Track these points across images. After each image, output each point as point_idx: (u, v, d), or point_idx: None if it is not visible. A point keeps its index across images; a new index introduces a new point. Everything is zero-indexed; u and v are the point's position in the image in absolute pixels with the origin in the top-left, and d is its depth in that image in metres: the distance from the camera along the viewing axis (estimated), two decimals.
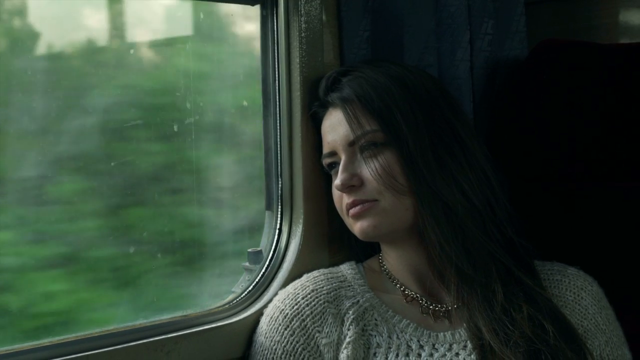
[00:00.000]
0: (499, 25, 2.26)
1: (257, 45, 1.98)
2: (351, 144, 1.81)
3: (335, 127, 1.84)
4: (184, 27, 2.00)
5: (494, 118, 2.24)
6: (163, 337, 1.74)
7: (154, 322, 1.78)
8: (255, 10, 1.98)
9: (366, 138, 1.79)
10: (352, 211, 1.79)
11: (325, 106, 1.89)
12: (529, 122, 2.15)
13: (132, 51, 1.89)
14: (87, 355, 1.63)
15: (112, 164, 1.81)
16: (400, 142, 1.76)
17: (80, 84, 1.81)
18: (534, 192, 2.18)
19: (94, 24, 1.81)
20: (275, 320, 1.81)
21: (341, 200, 1.82)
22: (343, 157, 1.81)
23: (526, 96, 2.15)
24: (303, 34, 1.95)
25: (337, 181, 1.80)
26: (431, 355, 1.77)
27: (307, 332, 1.79)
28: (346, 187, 1.79)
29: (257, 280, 1.93)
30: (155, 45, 1.94)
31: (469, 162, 1.79)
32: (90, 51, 1.82)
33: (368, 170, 1.77)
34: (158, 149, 1.91)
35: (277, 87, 1.97)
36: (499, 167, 1.88)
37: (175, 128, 1.89)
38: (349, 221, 1.83)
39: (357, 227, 1.80)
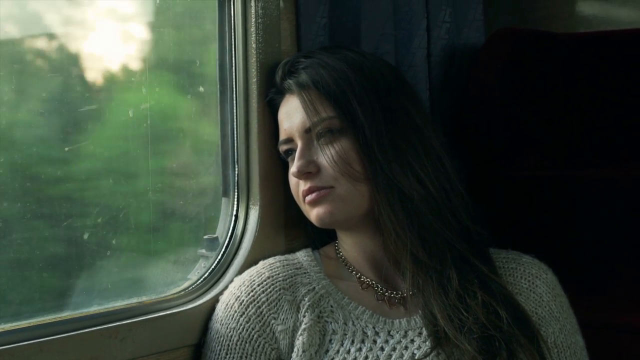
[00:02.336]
0: (457, 13, 2.26)
1: None
2: (307, 131, 1.80)
3: (292, 113, 1.83)
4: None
5: (451, 106, 2.25)
6: (117, 323, 1.73)
7: (108, 309, 1.76)
8: None
9: (322, 125, 1.79)
10: (308, 198, 1.79)
11: (281, 93, 1.88)
12: (485, 110, 2.16)
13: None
14: (40, 342, 1.61)
15: (67, 149, 1.79)
16: (356, 129, 1.76)
17: (32, 69, 1.78)
18: (489, 179, 2.20)
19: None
20: (231, 307, 1.81)
21: (297, 187, 1.82)
22: (299, 144, 1.81)
23: (482, 84, 2.16)
24: (260, 20, 1.94)
25: (293, 168, 1.80)
26: (386, 341, 1.77)
27: (262, 318, 1.79)
28: (302, 174, 1.78)
29: (213, 266, 1.93)
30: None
31: (425, 149, 1.80)
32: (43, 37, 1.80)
33: (324, 157, 1.77)
34: (113, 134, 1.88)
35: (233, 73, 1.96)
36: (455, 155, 1.89)
37: (131, 113, 1.87)
38: (305, 208, 1.83)
39: (314, 214, 1.80)
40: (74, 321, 1.69)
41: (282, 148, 1.87)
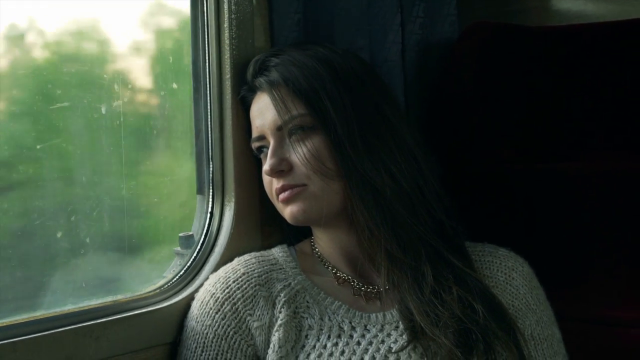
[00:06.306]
0: (430, 8, 2.26)
1: None
2: (279, 129, 1.80)
3: (263, 111, 1.83)
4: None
5: (425, 100, 2.25)
6: (92, 322, 1.72)
7: (83, 308, 1.75)
8: None
9: (294, 122, 1.78)
10: (281, 196, 1.79)
11: (253, 90, 1.88)
12: (460, 104, 2.16)
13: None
14: (14, 341, 1.60)
15: (38, 147, 1.78)
16: (328, 126, 1.76)
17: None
18: (465, 174, 2.20)
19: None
20: (207, 304, 1.80)
21: (271, 184, 1.82)
22: (272, 142, 1.81)
23: (457, 78, 2.16)
24: (233, 16, 1.94)
25: (266, 166, 1.80)
26: (363, 336, 1.77)
27: (238, 315, 1.78)
28: (275, 172, 1.78)
29: (188, 264, 1.92)
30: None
31: (397, 145, 1.80)
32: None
33: (296, 155, 1.77)
34: (86, 132, 1.87)
35: (207, 70, 1.95)
36: (429, 150, 1.88)
37: (103, 110, 1.86)
38: (279, 206, 1.82)
39: (287, 212, 1.80)
40: (47, 320, 1.68)
41: (255, 145, 1.87)
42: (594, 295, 2.04)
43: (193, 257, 1.93)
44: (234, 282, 1.81)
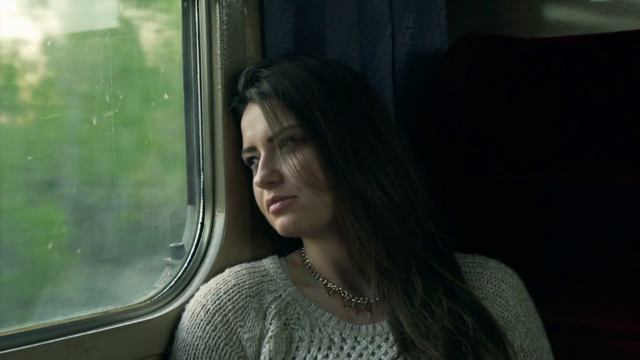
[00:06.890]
0: (420, 19, 2.26)
1: None
2: (270, 140, 1.80)
3: (254, 122, 1.83)
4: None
5: (416, 112, 2.25)
6: (82, 334, 1.71)
7: (73, 319, 1.74)
8: (177, 1, 1.96)
9: (284, 134, 1.78)
10: (272, 207, 1.79)
11: (244, 101, 1.88)
12: (450, 116, 2.17)
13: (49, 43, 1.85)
14: (3, 354, 1.59)
15: (29, 158, 1.77)
16: (318, 137, 1.76)
17: None
18: (455, 185, 2.20)
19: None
20: (197, 316, 1.80)
21: (261, 196, 1.82)
22: (262, 153, 1.81)
23: (447, 89, 2.16)
24: (224, 27, 1.94)
25: (256, 178, 1.80)
26: (353, 348, 1.77)
27: (229, 326, 1.78)
28: (266, 184, 1.78)
29: (179, 275, 1.91)
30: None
31: (388, 157, 1.80)
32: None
33: (287, 166, 1.77)
34: (77, 143, 1.87)
35: (198, 81, 1.95)
36: (420, 161, 1.89)
37: (94, 121, 1.86)
38: (269, 217, 1.82)
39: (278, 223, 1.80)
40: (38, 332, 1.67)
41: (245, 156, 1.87)
42: (586, 306, 2.04)
43: (184, 268, 1.92)
44: (224, 293, 1.81)
